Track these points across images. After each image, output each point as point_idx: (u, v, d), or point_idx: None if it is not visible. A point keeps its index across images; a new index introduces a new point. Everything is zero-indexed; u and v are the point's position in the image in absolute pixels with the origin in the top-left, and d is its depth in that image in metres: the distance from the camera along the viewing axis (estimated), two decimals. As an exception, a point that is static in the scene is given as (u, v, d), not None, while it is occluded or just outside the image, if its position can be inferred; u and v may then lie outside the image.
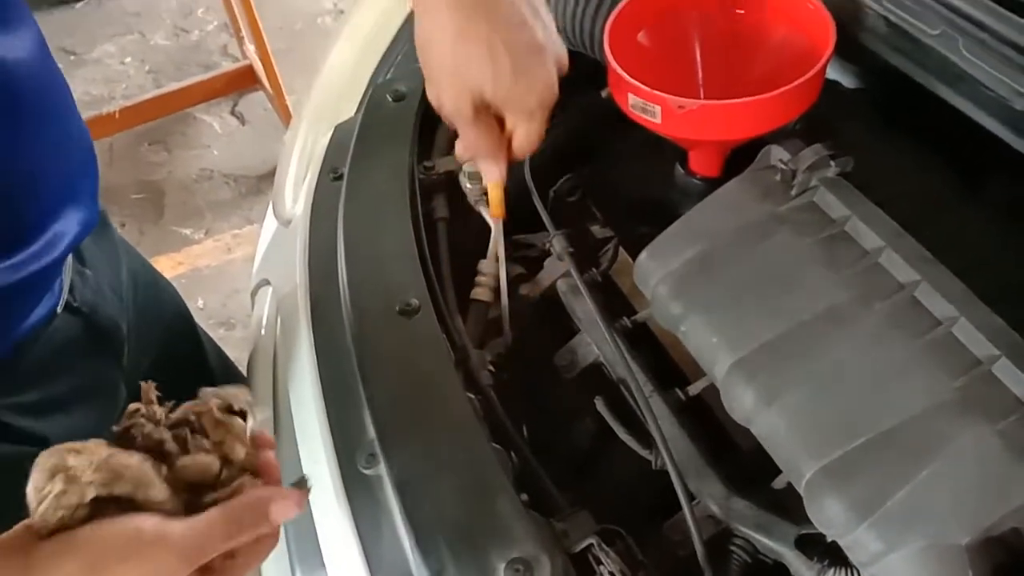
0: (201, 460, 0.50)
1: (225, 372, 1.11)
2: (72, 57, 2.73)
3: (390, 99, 0.90)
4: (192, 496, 0.49)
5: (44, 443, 0.70)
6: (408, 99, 0.90)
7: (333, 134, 0.92)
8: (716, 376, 0.64)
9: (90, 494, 0.45)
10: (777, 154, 0.69)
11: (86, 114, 2.46)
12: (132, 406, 0.52)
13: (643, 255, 0.70)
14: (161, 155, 2.44)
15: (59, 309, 0.72)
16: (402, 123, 0.89)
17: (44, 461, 0.46)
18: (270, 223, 1.03)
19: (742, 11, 0.78)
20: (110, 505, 0.46)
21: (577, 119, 0.95)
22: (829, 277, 0.63)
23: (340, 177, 0.88)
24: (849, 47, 0.75)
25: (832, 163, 0.67)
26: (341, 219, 0.84)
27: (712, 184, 0.82)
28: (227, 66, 2.58)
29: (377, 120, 0.89)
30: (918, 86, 0.72)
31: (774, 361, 0.61)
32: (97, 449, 0.47)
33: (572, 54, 0.96)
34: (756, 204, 0.68)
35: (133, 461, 0.47)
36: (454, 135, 0.95)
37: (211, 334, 2.00)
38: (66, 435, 0.73)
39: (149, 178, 2.38)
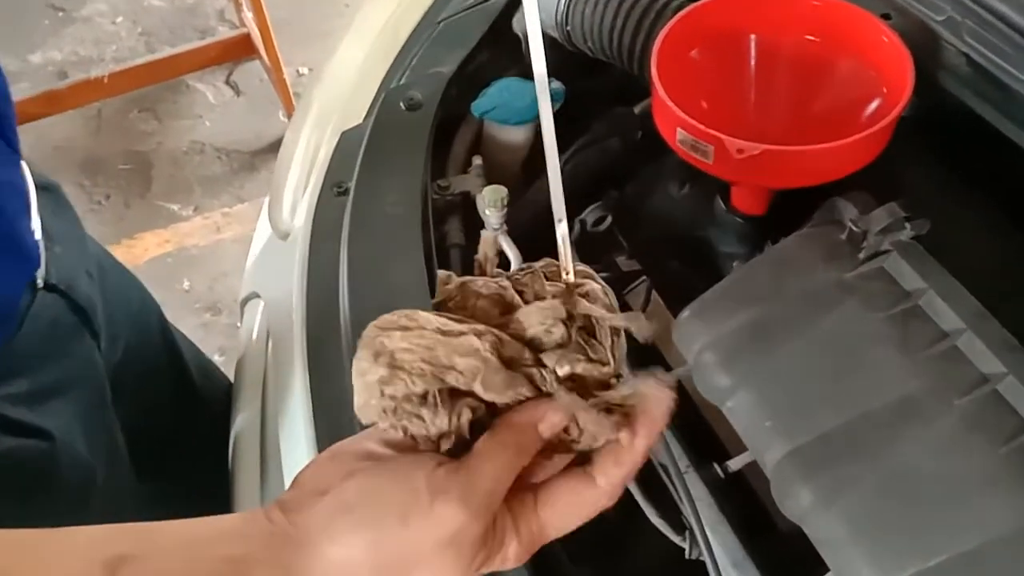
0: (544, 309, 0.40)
1: (202, 370, 1.04)
2: (60, 14, 2.60)
3: (403, 107, 0.81)
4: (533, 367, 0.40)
5: (41, 435, 0.67)
6: (423, 108, 0.81)
7: (338, 142, 0.83)
8: (766, 463, 0.57)
9: (417, 388, 0.38)
10: (844, 210, 0.62)
11: (74, 75, 2.36)
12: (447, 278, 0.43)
13: (686, 313, 0.63)
14: (151, 124, 2.33)
15: (39, 283, 0.68)
16: (416, 135, 0.80)
17: (368, 340, 0.39)
18: (263, 229, 0.95)
19: (812, 37, 0.70)
20: (443, 395, 0.39)
21: (607, 139, 0.87)
22: (901, 362, 0.55)
23: (345, 192, 0.80)
24: (921, 83, 0.67)
25: (907, 225, 0.59)
26: (345, 241, 0.76)
27: (755, 223, 0.75)
28: (224, 33, 2.46)
29: (388, 130, 0.81)
30: (1002, 137, 0.64)
31: (836, 456, 0.53)
32: (427, 325, 0.39)
33: (603, 64, 0.88)
34: (820, 267, 0.60)
35: (467, 345, 0.38)
36: (471, 151, 0.87)
37: (196, 319, 1.95)
38: (61, 425, 0.69)
39: (137, 148, 2.27)
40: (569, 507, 0.41)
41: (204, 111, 2.35)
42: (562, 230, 0.41)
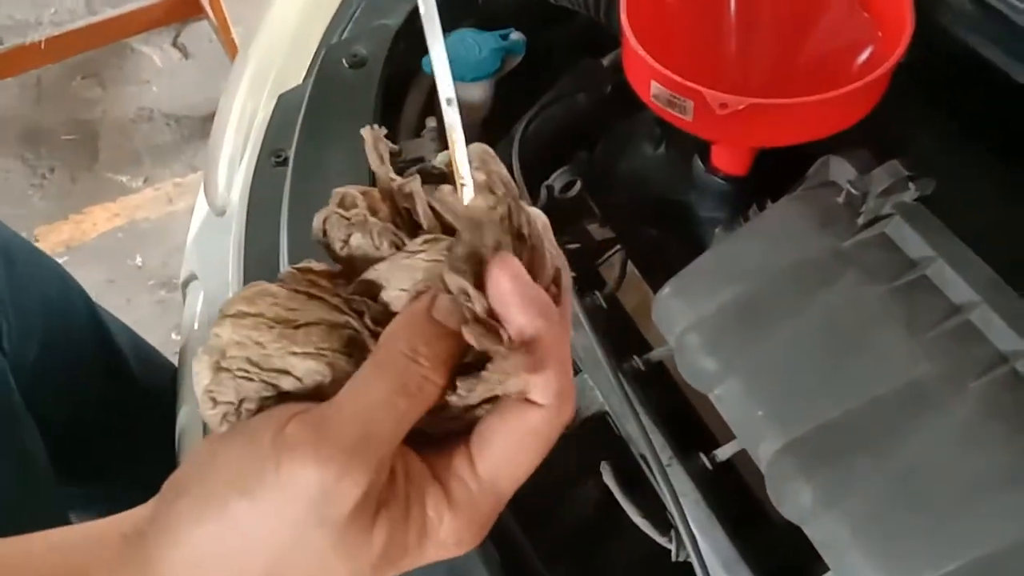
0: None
1: (142, 357, 0.96)
2: (-7, -26, 2.45)
3: (346, 64, 0.73)
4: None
5: None
6: (369, 65, 0.73)
7: (276, 106, 0.75)
8: (759, 457, 0.51)
9: (249, 395, 0.30)
10: (840, 169, 0.55)
11: (10, 41, 2.22)
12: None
13: (666, 291, 0.56)
14: (95, 91, 2.20)
15: None
16: (361, 96, 0.72)
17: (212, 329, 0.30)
18: (201, 206, 0.86)
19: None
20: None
21: (574, 95, 0.79)
22: (908, 341, 0.49)
23: (284, 162, 0.72)
24: (920, 25, 0.60)
25: (911, 185, 0.52)
26: (285, 216, 0.68)
27: (737, 184, 0.68)
28: (169, -9, 2.32)
29: (330, 91, 0.73)
30: (1012, 84, 0.57)
31: (837, 450, 0.48)
32: (267, 311, 0.29)
33: (567, 12, 0.80)
34: (813, 235, 0.54)
35: (307, 343, 0.29)
36: (424, 112, 0.79)
37: (150, 296, 1.85)
38: None
39: (81, 117, 2.14)
40: (516, 448, 0.30)
41: (151, 76, 2.23)
42: (451, 118, 0.29)
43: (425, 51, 0.81)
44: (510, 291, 0.29)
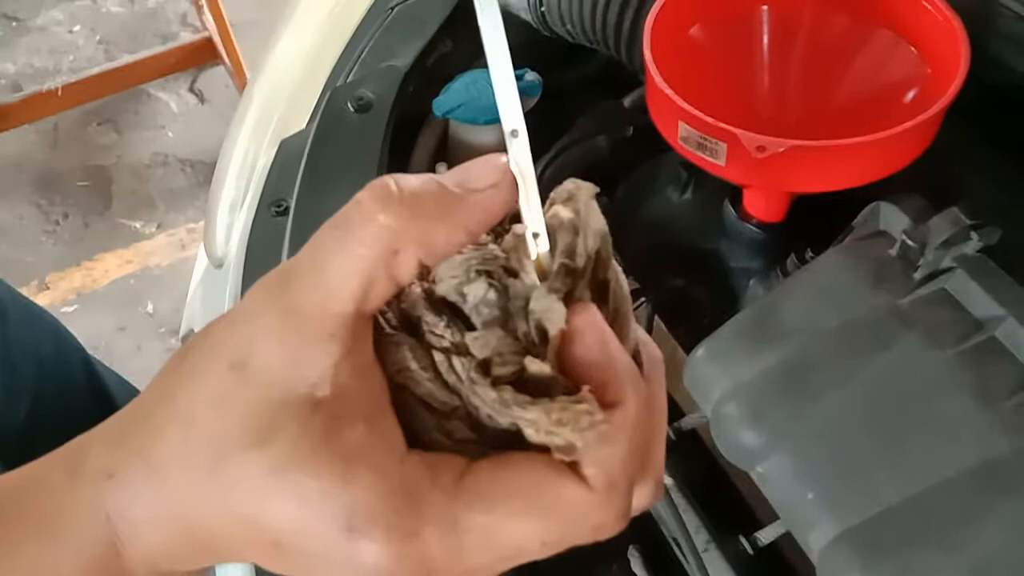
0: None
1: None
2: (14, 24, 2.47)
3: (351, 108, 0.69)
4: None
5: None
6: (375, 108, 0.69)
7: (277, 152, 0.71)
8: (810, 545, 0.45)
9: None
10: (892, 218, 0.49)
11: (28, 88, 2.23)
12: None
13: (700, 353, 0.50)
14: (110, 136, 2.20)
15: None
16: (367, 141, 0.68)
17: None
18: (203, 258, 0.82)
19: (837, 7, 0.58)
20: None
21: (593, 137, 0.75)
22: (980, 413, 0.43)
23: (285, 211, 0.67)
24: (974, 59, 0.55)
25: (973, 235, 0.47)
26: (285, 270, 0.63)
27: (772, 231, 0.63)
28: (186, 37, 2.33)
29: (334, 136, 0.68)
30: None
31: (903, 540, 0.41)
32: None
33: (586, 50, 0.76)
34: (865, 291, 0.48)
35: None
36: (435, 157, 0.75)
37: (161, 344, 1.81)
38: None
39: (96, 163, 2.13)
40: (522, 509, 0.22)
41: (167, 121, 2.22)
42: (517, 153, 0.24)
43: (435, 93, 0.76)
44: (592, 337, 0.23)
